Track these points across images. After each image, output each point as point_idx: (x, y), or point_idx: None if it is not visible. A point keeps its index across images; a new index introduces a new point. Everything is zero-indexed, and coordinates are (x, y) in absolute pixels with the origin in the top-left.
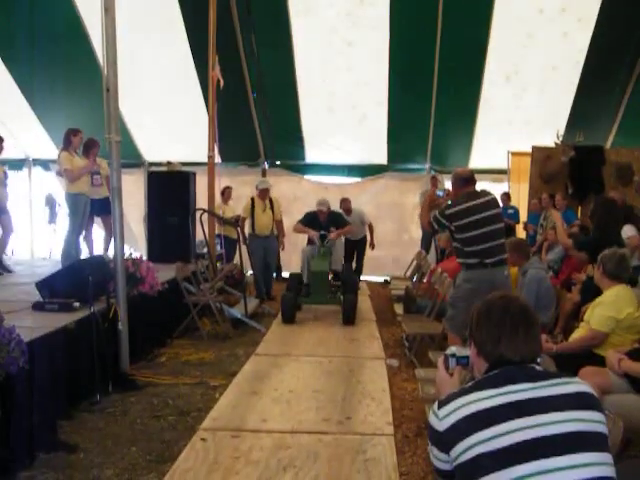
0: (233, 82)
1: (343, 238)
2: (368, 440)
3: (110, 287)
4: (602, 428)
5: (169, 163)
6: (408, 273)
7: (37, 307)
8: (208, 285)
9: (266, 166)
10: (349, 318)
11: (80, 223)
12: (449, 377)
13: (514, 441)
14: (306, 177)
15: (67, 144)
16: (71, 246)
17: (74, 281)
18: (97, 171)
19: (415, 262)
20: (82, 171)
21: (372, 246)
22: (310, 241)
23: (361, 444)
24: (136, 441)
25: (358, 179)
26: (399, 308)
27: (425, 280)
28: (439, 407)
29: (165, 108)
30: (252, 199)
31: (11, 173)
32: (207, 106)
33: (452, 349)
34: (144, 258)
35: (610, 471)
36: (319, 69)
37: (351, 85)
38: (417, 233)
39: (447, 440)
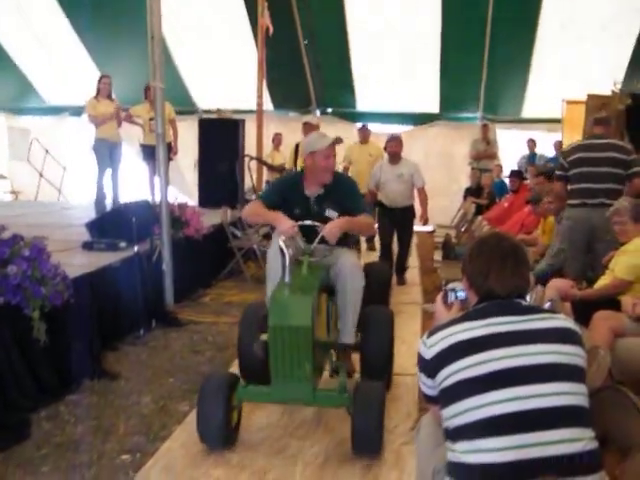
0: (284, 29)
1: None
2: (393, 379)
3: (155, 230)
4: (580, 362)
5: (219, 110)
6: (454, 222)
7: (86, 246)
8: (253, 230)
9: (318, 113)
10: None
11: (104, 168)
12: (446, 311)
13: (492, 369)
14: (356, 124)
15: (96, 91)
16: (100, 191)
17: (120, 223)
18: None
19: (462, 211)
20: (106, 117)
21: (424, 221)
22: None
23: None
24: (174, 373)
25: (409, 127)
26: (438, 255)
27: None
28: (428, 336)
29: (217, 56)
30: (297, 146)
31: (73, 119)
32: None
33: (452, 285)
34: (194, 204)
35: (583, 400)
36: (371, 16)
37: (404, 32)
38: (466, 183)
39: (433, 367)
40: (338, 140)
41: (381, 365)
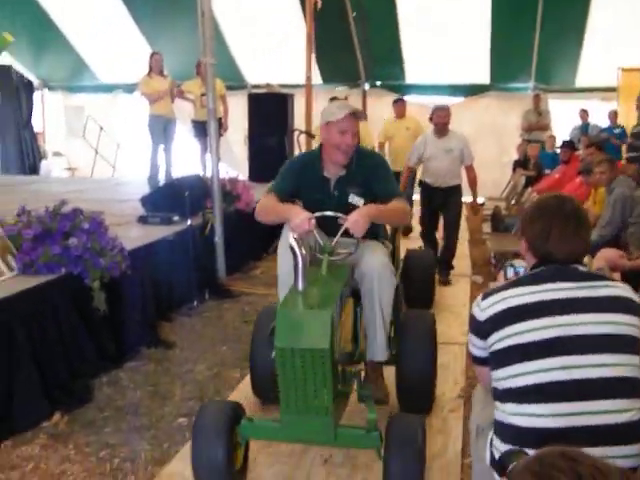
0: (333, 2)
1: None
2: (441, 348)
3: (207, 203)
4: (636, 332)
5: (268, 85)
6: (504, 194)
7: (141, 220)
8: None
9: (367, 87)
10: None
11: (158, 144)
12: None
13: (544, 337)
14: (406, 98)
15: (149, 68)
16: (154, 166)
17: (173, 197)
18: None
19: (511, 183)
20: (160, 93)
21: (474, 208)
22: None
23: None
24: (227, 342)
25: (459, 99)
26: (487, 227)
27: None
28: (483, 298)
29: (267, 30)
30: None
31: (126, 96)
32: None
33: (512, 261)
34: (244, 178)
35: (636, 371)
36: None
37: (453, 1)
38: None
39: (485, 329)
40: (358, 113)
41: (421, 389)
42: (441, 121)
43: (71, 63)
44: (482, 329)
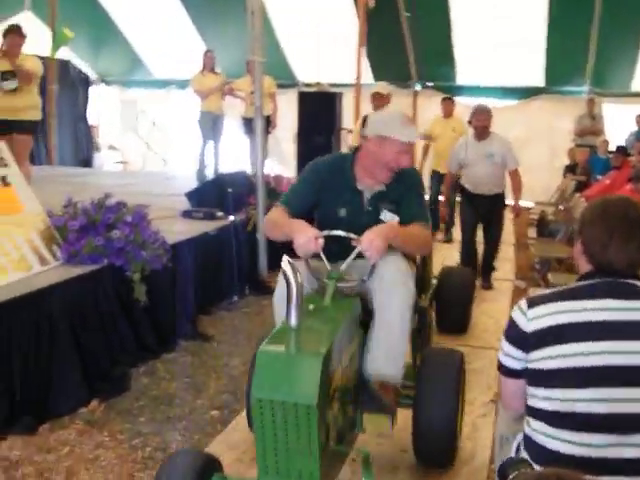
0: (385, 1)
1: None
2: (477, 352)
3: (251, 200)
4: None
5: (318, 84)
6: (553, 199)
7: (185, 214)
8: None
9: (418, 87)
10: None
11: (207, 140)
12: None
13: (588, 364)
14: (457, 99)
15: (202, 65)
16: (202, 161)
17: (218, 193)
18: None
19: (561, 188)
20: (211, 90)
21: (516, 212)
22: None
23: (469, 355)
24: (265, 338)
25: (511, 102)
26: (532, 232)
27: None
28: (529, 306)
29: (319, 29)
30: (364, 119)
31: (178, 92)
32: None
33: None
34: (293, 175)
35: None
36: None
37: (508, 2)
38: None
39: (529, 342)
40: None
41: (440, 443)
42: (480, 124)
43: (127, 59)
44: (525, 341)
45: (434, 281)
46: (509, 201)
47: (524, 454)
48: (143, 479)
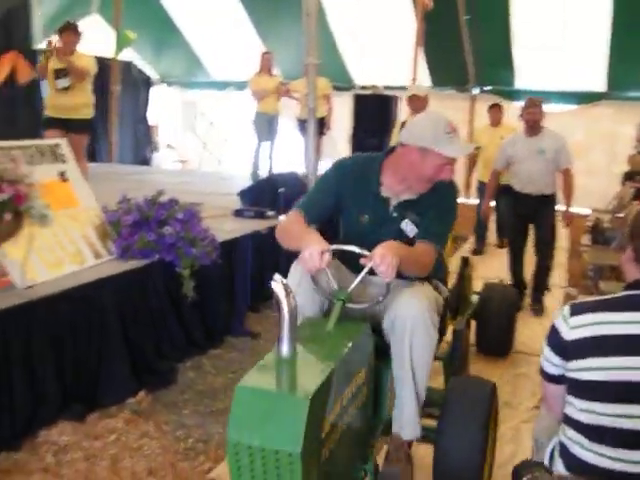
0: (444, 3)
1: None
2: (524, 358)
3: None
4: None
5: (374, 86)
6: (610, 206)
7: (237, 213)
8: None
9: (476, 91)
10: None
11: (262, 140)
12: None
13: (627, 379)
14: (515, 104)
15: (259, 67)
16: (256, 162)
17: (269, 192)
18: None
19: (619, 195)
20: (266, 92)
21: (568, 220)
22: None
23: (516, 361)
24: None
25: (571, 106)
26: (586, 239)
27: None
28: (571, 314)
29: (376, 31)
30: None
31: (236, 93)
32: None
33: None
34: None
35: None
36: None
37: (570, 5)
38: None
39: (569, 351)
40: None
41: None
42: (532, 118)
43: (187, 60)
44: (565, 349)
45: (475, 298)
46: (561, 207)
47: (558, 461)
48: (184, 469)
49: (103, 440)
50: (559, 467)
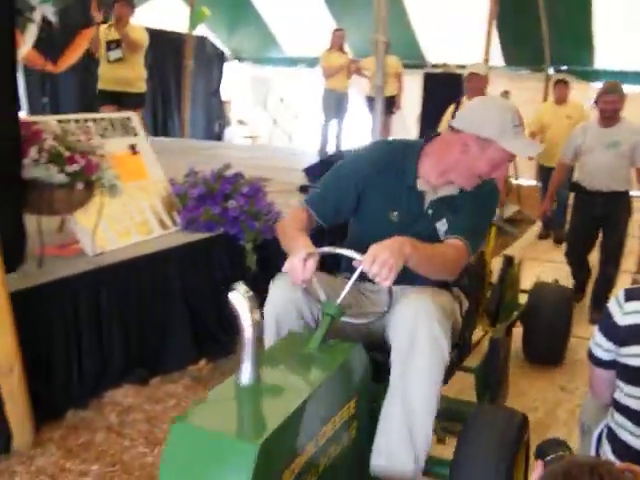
0: None
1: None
2: (583, 343)
3: None
4: None
5: (444, 65)
6: None
7: (302, 189)
8: None
9: (551, 71)
10: None
11: (330, 117)
12: None
13: None
14: (592, 85)
15: (330, 43)
16: (324, 138)
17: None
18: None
19: None
20: (336, 69)
21: None
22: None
23: (577, 345)
24: None
25: None
26: None
27: None
28: (626, 299)
29: (449, 9)
30: (457, 104)
31: (307, 70)
32: None
33: None
34: None
35: None
36: None
37: None
38: None
39: (621, 336)
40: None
41: None
42: (609, 107)
43: (260, 36)
44: (617, 334)
45: (523, 300)
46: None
47: (606, 446)
48: None
49: (164, 404)
50: (606, 451)
